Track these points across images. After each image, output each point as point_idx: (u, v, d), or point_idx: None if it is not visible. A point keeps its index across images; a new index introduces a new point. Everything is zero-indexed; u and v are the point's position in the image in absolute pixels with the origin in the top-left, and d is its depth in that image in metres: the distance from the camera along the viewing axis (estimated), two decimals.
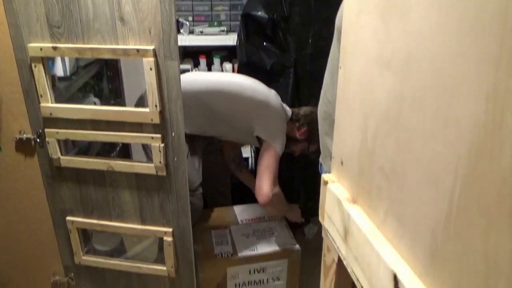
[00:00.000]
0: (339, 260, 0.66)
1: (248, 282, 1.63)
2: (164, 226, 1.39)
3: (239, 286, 1.63)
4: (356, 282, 0.56)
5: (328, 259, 0.71)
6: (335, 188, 0.63)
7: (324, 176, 0.68)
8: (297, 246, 1.64)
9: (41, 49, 1.18)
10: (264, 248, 1.62)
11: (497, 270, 0.32)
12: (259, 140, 1.61)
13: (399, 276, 0.44)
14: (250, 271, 1.61)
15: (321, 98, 1.13)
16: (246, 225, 1.76)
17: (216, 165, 1.97)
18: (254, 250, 1.61)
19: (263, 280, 1.64)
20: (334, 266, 0.68)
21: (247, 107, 1.59)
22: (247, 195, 1.95)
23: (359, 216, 0.56)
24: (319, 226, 1.72)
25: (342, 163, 0.63)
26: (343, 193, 0.62)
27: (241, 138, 1.76)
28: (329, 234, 0.66)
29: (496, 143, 0.32)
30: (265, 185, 1.50)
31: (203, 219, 1.80)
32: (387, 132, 0.48)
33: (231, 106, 1.60)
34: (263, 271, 1.62)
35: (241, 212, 1.86)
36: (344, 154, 0.62)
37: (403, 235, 0.47)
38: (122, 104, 2.08)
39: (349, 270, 0.59)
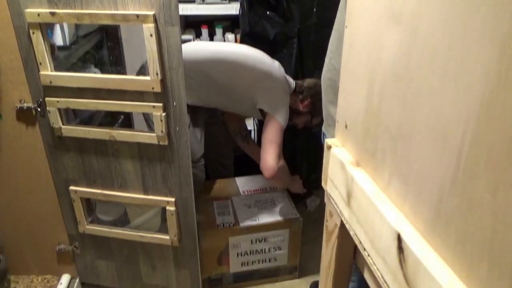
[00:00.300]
0: (342, 224, 0.66)
1: (250, 251, 1.66)
2: (166, 196, 1.40)
3: (241, 255, 1.66)
4: (358, 245, 0.56)
5: (330, 224, 0.71)
6: (339, 152, 0.63)
7: (328, 141, 0.67)
8: (299, 216, 1.65)
9: (38, 14, 1.15)
10: (266, 218, 1.63)
11: (505, 225, 0.31)
12: (262, 112, 1.60)
13: (402, 236, 0.44)
14: (252, 241, 1.63)
15: (326, 65, 1.11)
16: (248, 196, 1.77)
17: (219, 137, 1.96)
18: (256, 220, 1.62)
19: (264, 250, 1.67)
20: (336, 231, 0.68)
21: (249, 78, 1.57)
22: (249, 167, 1.95)
23: (363, 179, 0.55)
24: (321, 198, 1.72)
25: (346, 126, 0.62)
26: (346, 157, 0.61)
27: (243, 110, 1.74)
28: (332, 198, 0.66)
29: (509, 94, 0.30)
30: (270, 158, 1.49)
31: (205, 190, 1.81)
32: (393, 91, 0.47)
33: (233, 77, 1.57)
34: (264, 241, 1.64)
35: (243, 183, 1.86)
36: (349, 117, 0.61)
37: (407, 196, 0.46)
38: (123, 74, 2.06)
39: (351, 233, 0.59)
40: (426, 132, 0.41)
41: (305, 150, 2.29)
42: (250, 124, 2.31)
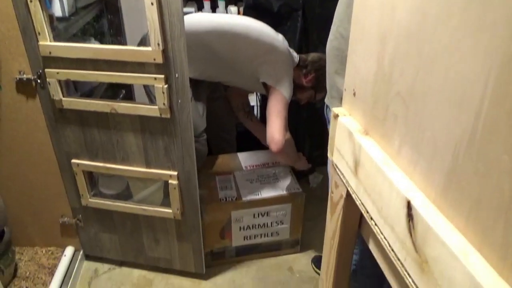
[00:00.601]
0: (347, 195, 0.65)
1: (252, 225, 1.66)
2: (169, 169, 1.39)
3: (243, 229, 1.66)
4: (365, 215, 0.55)
5: (335, 195, 0.70)
6: (346, 121, 0.61)
7: (335, 110, 0.65)
8: (301, 190, 1.65)
9: None
10: (268, 192, 1.63)
11: None
12: (266, 86, 1.57)
13: (413, 203, 0.42)
14: (254, 215, 1.63)
15: (332, 34, 1.07)
16: (250, 171, 1.77)
17: (221, 112, 1.94)
18: (258, 194, 1.62)
19: (267, 224, 1.67)
20: (341, 202, 0.67)
21: (252, 51, 1.53)
22: (252, 143, 1.94)
23: (371, 147, 0.53)
24: (324, 175, 1.71)
25: (354, 94, 0.60)
26: (354, 126, 0.59)
27: (246, 84, 1.71)
28: (338, 168, 0.65)
29: None
30: (277, 132, 1.47)
31: (207, 165, 1.80)
32: (407, 53, 0.45)
33: (235, 50, 1.54)
34: (267, 215, 1.65)
35: (245, 158, 1.86)
36: (358, 84, 0.59)
37: (418, 163, 0.45)
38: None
39: (358, 203, 0.58)
40: (442, 94, 0.39)
41: (308, 127, 2.27)
42: (253, 100, 2.29)
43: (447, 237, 0.37)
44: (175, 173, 1.39)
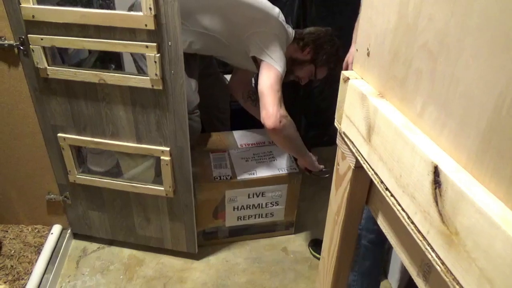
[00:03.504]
0: (356, 166, 0.59)
1: (247, 205, 1.62)
2: (161, 145, 1.33)
3: (237, 209, 1.62)
4: (379, 185, 0.50)
5: (342, 168, 0.65)
6: (359, 83, 0.55)
7: (344, 73, 0.59)
8: (298, 170, 1.60)
9: None
10: (264, 172, 1.58)
11: None
12: (256, 63, 1.48)
13: (440, 167, 0.37)
14: (249, 195, 1.58)
15: None
16: (246, 149, 1.71)
17: (215, 89, 1.87)
18: (253, 173, 1.57)
19: (261, 204, 1.63)
20: (349, 174, 0.62)
21: (243, 20, 1.43)
22: (246, 122, 1.87)
23: (389, 109, 0.48)
24: (318, 156, 1.64)
25: (368, 54, 0.54)
26: (368, 89, 0.54)
27: (236, 60, 1.61)
28: (347, 137, 0.59)
29: None
30: (269, 104, 1.32)
31: (201, 142, 1.74)
32: None
33: (226, 19, 1.44)
34: (262, 195, 1.60)
35: (240, 136, 1.80)
36: (373, 42, 0.53)
37: (447, 124, 0.39)
38: None
39: (370, 173, 0.53)
40: (483, 37, 0.33)
41: (303, 106, 2.22)
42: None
43: (484, 204, 0.32)
44: (167, 148, 1.32)
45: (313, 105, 2.23)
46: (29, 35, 1.18)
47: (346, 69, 1.27)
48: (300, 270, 1.60)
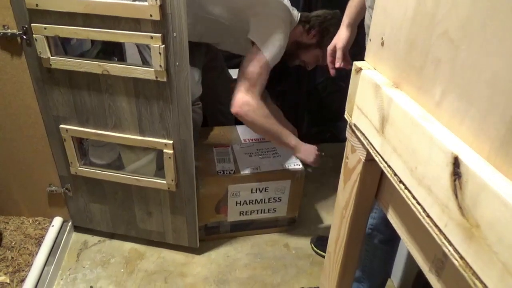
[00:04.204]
0: (367, 159, 0.58)
1: (249, 201, 1.60)
2: (164, 137, 1.32)
3: (240, 204, 1.61)
4: (392, 178, 0.49)
5: (351, 161, 0.63)
6: (372, 74, 0.54)
7: (356, 63, 0.58)
8: (301, 166, 1.58)
9: None
10: (267, 167, 1.57)
11: None
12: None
13: (461, 158, 0.36)
14: (251, 190, 1.57)
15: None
16: (249, 144, 1.70)
17: (219, 83, 1.85)
18: (257, 169, 1.55)
19: (264, 200, 1.62)
20: (359, 167, 0.60)
21: (245, 2, 1.40)
22: None
23: (404, 99, 0.46)
24: (321, 152, 1.62)
25: (382, 43, 0.53)
26: (381, 79, 0.52)
27: (237, 46, 1.57)
28: (358, 129, 0.58)
29: None
30: (238, 90, 1.33)
31: (204, 136, 1.73)
32: None
33: (227, 2, 1.41)
34: (265, 191, 1.59)
35: (244, 131, 1.78)
36: (388, 31, 0.51)
37: (468, 114, 0.38)
38: None
39: (382, 166, 0.51)
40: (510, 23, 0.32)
41: (306, 103, 2.20)
42: None
43: (510, 196, 0.31)
44: (170, 142, 1.31)
45: (316, 101, 2.21)
46: (32, 24, 1.16)
47: (333, 53, 1.23)
48: (301, 266, 1.59)
